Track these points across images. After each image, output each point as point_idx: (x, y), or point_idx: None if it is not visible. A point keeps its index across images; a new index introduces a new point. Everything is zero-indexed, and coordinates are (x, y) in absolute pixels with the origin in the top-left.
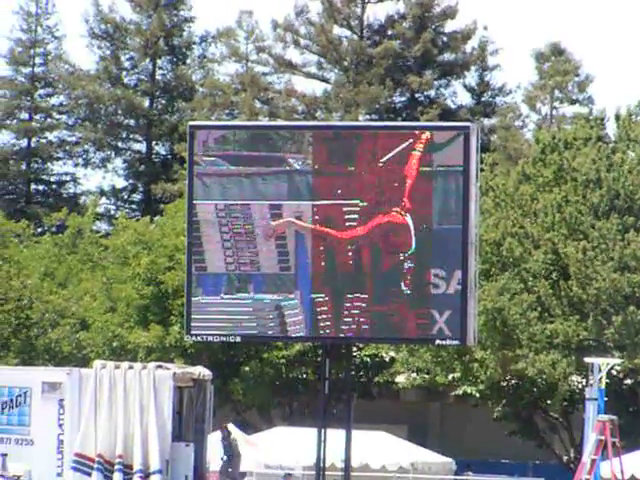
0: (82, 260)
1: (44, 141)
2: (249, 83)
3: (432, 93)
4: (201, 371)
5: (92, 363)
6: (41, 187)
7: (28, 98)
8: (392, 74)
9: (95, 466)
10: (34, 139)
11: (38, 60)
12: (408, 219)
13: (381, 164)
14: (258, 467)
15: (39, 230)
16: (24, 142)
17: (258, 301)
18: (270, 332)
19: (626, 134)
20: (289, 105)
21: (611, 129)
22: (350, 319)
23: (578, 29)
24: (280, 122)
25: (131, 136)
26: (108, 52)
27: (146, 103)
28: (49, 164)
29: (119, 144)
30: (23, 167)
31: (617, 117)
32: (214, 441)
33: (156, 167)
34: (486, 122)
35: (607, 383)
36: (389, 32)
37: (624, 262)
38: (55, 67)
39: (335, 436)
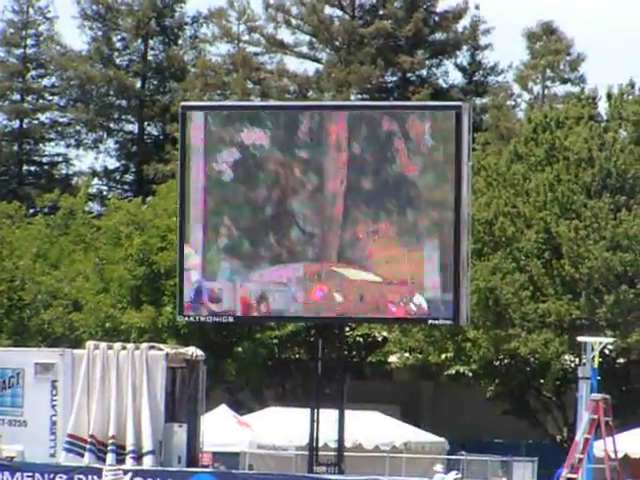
0: (74, 241)
1: (36, 122)
2: (241, 63)
3: (424, 73)
4: (194, 352)
5: (85, 344)
6: (33, 168)
7: (20, 79)
8: (383, 54)
9: (88, 447)
10: (26, 120)
11: (30, 41)
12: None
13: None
14: (251, 447)
15: (31, 211)
16: (16, 123)
17: None
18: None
19: (618, 113)
20: (281, 85)
21: (603, 108)
22: (343, 299)
23: (570, 8)
24: (272, 102)
25: (123, 117)
26: (100, 33)
27: (138, 84)
28: (41, 145)
29: (111, 125)
30: (15, 148)
31: (609, 96)
32: (207, 421)
33: (148, 148)
34: (478, 101)
35: (600, 362)
36: (380, 12)
37: (616, 241)
38: (47, 48)
39: (328, 416)
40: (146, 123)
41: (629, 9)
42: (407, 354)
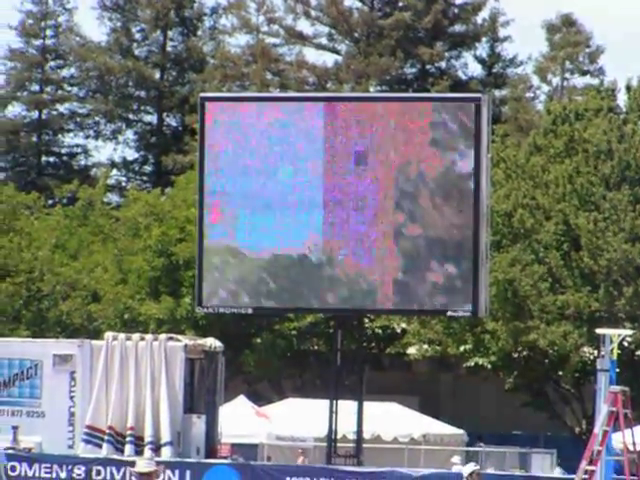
0: (93, 232)
1: (55, 113)
2: (260, 54)
3: (443, 64)
4: (212, 343)
5: (103, 335)
6: (52, 159)
7: (39, 70)
8: (403, 45)
9: (106, 438)
10: (45, 111)
11: (49, 32)
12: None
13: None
14: (269, 439)
15: (50, 202)
16: (35, 114)
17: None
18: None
19: (637, 105)
20: (300, 76)
21: (622, 100)
22: (362, 290)
23: (589, 0)
24: (290, 93)
25: (142, 108)
26: (119, 24)
27: (157, 75)
28: (60, 136)
29: (130, 116)
30: (34, 139)
31: (628, 88)
32: (225, 413)
33: (167, 139)
34: (497, 93)
35: (619, 354)
36: (400, 3)
37: (635, 233)
38: (66, 39)
39: (347, 407)
40: (165, 114)
41: None
42: (426, 346)
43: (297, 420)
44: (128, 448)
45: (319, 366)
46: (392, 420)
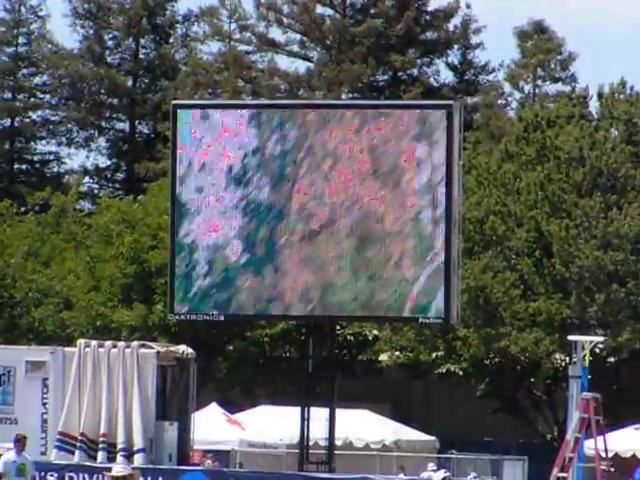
0: (66, 239)
1: (27, 120)
2: (232, 62)
3: (415, 71)
4: (184, 350)
5: (76, 342)
6: (24, 166)
7: (11, 77)
8: (375, 53)
9: (78, 444)
10: (17, 118)
11: (21, 40)
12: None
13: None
14: (241, 445)
15: (22, 209)
16: (7, 121)
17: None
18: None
19: (609, 112)
20: (272, 84)
21: (594, 107)
22: (333, 297)
23: (561, 7)
24: (263, 100)
25: (114, 115)
26: (91, 31)
27: (129, 82)
28: (32, 143)
29: (102, 123)
30: (6, 146)
31: (600, 95)
32: (198, 420)
33: (139, 146)
34: (469, 100)
35: (590, 361)
36: (372, 11)
37: (607, 240)
38: (38, 46)
39: (318, 414)
40: (137, 121)
41: (620, 8)
42: (398, 352)
43: (269, 427)
44: (100, 455)
45: (291, 373)
46: (364, 427)
